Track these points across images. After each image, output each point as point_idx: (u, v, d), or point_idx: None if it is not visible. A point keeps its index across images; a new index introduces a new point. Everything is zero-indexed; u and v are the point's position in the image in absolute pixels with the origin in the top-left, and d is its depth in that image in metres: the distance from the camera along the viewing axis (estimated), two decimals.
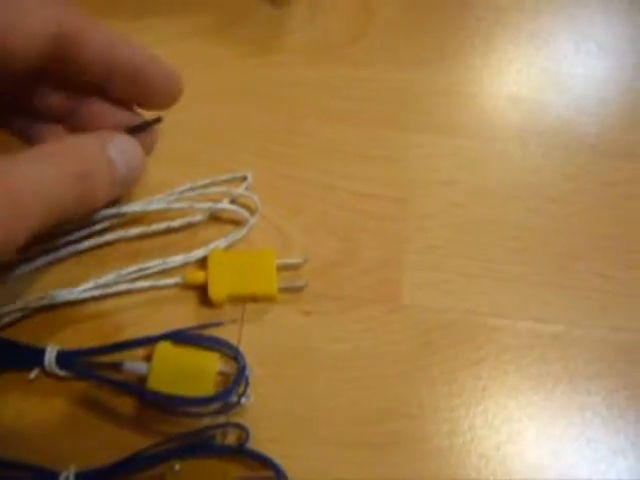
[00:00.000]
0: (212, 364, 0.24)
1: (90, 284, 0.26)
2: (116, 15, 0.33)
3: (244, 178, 0.29)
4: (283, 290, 0.27)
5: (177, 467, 0.23)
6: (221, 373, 0.25)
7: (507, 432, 0.25)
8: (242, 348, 0.25)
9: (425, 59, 0.33)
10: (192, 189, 0.28)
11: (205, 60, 0.32)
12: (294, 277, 0.27)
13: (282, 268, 0.27)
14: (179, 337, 0.25)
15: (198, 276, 0.27)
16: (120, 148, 0.22)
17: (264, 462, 0.24)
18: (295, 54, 0.32)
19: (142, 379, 0.24)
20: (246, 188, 0.28)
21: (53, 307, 0.26)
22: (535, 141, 0.31)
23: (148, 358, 0.25)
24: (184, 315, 0.26)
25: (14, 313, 0.25)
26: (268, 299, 0.27)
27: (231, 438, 0.24)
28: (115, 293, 0.26)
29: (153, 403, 0.24)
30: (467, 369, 0.26)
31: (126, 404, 0.25)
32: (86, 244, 0.27)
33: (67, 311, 0.26)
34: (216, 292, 0.26)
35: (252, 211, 0.28)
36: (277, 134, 0.30)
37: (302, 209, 0.29)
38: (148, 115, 0.25)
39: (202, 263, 0.27)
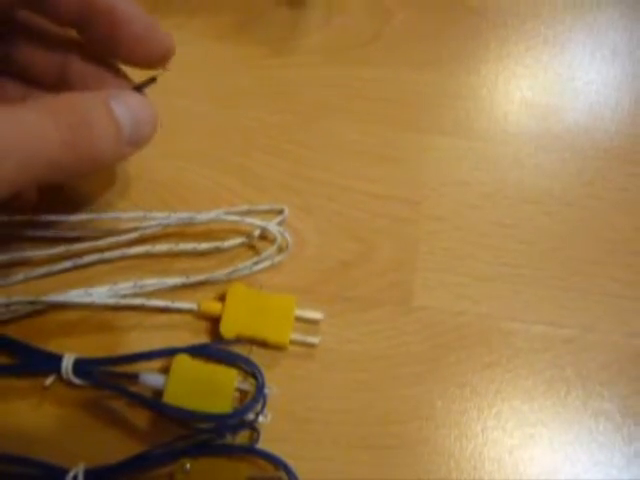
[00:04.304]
0: (230, 380, 0.24)
1: (105, 289, 0.26)
2: None
3: (280, 211, 0.28)
4: (295, 342, 0.26)
5: (188, 466, 0.23)
6: (238, 390, 0.24)
7: (520, 436, 0.25)
8: (254, 348, 0.25)
9: (441, 61, 0.33)
10: (226, 213, 0.27)
11: (222, 60, 0.32)
12: (310, 330, 0.26)
13: (300, 319, 0.26)
14: (197, 351, 0.25)
15: (214, 307, 0.26)
16: (124, 103, 0.21)
17: (275, 462, 0.24)
18: (311, 55, 0.33)
19: (157, 391, 0.24)
20: (280, 222, 0.27)
21: (64, 307, 0.26)
22: (549, 146, 0.31)
23: (164, 370, 0.25)
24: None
25: (25, 306, 0.25)
26: (278, 347, 0.26)
27: (242, 438, 0.24)
28: (129, 306, 0.26)
29: (168, 416, 0.24)
30: (480, 372, 0.26)
31: (139, 413, 0.25)
32: (111, 254, 0.26)
33: (78, 315, 0.26)
34: (228, 329, 0.25)
35: (281, 248, 0.27)
36: (293, 134, 0.31)
37: (316, 209, 0.29)
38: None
39: (221, 295, 0.26)
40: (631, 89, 0.33)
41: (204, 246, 0.27)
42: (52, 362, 0.24)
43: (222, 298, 0.26)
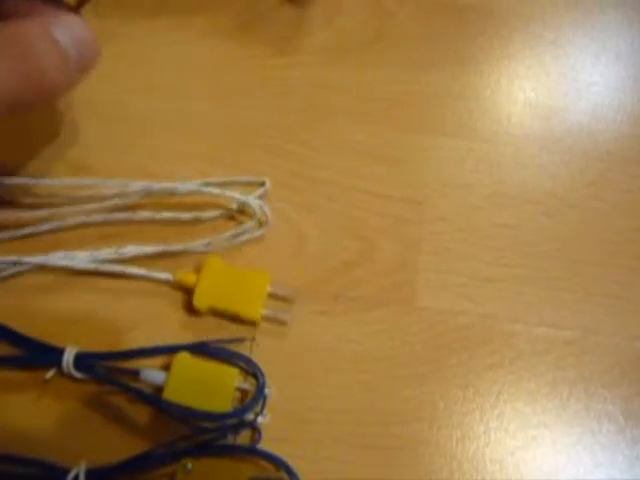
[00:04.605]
0: (231, 379, 0.24)
1: (86, 255, 0.26)
2: (136, 14, 0.33)
3: (262, 183, 0.28)
4: (266, 319, 0.26)
5: (189, 466, 0.23)
6: (239, 389, 0.24)
7: (522, 438, 0.25)
8: (255, 344, 0.25)
9: (443, 62, 0.33)
10: (206, 184, 0.28)
11: (224, 59, 0.32)
12: (283, 307, 0.26)
13: (273, 296, 0.26)
14: (199, 349, 0.25)
15: (189, 278, 0.26)
16: (66, 27, 0.21)
17: (276, 463, 0.24)
18: (313, 55, 0.33)
19: (157, 388, 0.24)
20: (262, 194, 0.28)
21: (44, 270, 0.26)
22: (552, 147, 0.31)
23: (164, 367, 0.25)
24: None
25: (8, 266, 0.26)
26: (250, 322, 0.26)
27: (243, 438, 0.24)
28: (109, 273, 0.26)
29: (168, 413, 0.24)
30: (482, 373, 0.26)
31: (140, 410, 0.25)
32: (94, 218, 0.27)
33: (61, 278, 0.26)
34: (200, 300, 0.26)
35: (261, 222, 0.28)
36: (295, 134, 0.30)
37: (319, 208, 0.29)
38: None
39: (198, 268, 0.27)
40: (634, 91, 0.33)
41: (184, 216, 0.27)
42: (53, 355, 0.24)
43: (199, 271, 0.26)
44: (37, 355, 0.25)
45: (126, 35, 0.32)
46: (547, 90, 0.33)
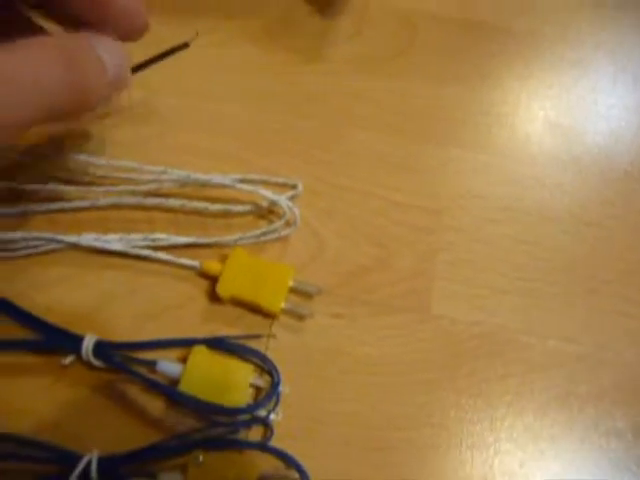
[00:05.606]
0: (246, 375, 0.25)
1: (117, 237, 0.27)
2: (166, 17, 0.33)
3: (294, 186, 0.29)
4: (286, 312, 0.26)
5: (201, 458, 0.23)
6: (253, 385, 0.25)
7: (531, 450, 0.25)
8: (270, 344, 0.25)
9: (465, 78, 0.34)
10: (240, 181, 0.28)
11: (253, 64, 0.33)
12: (302, 303, 0.27)
13: (294, 290, 0.27)
14: (216, 344, 0.25)
15: (214, 267, 0.27)
16: (107, 48, 0.21)
17: (287, 460, 0.24)
18: (340, 64, 0.33)
19: (173, 380, 0.24)
20: (292, 196, 0.28)
21: (76, 248, 0.27)
22: (570, 166, 0.32)
23: (181, 359, 0.25)
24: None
25: (42, 244, 0.27)
26: (269, 315, 0.26)
27: (255, 434, 0.24)
28: (137, 255, 0.27)
29: (182, 405, 0.24)
30: (494, 383, 0.26)
31: (154, 401, 0.25)
32: (126, 200, 0.28)
33: (92, 256, 0.27)
34: (224, 289, 0.26)
35: (289, 222, 0.28)
36: (319, 139, 0.31)
37: (339, 213, 0.29)
38: None
39: (223, 257, 0.27)
40: None
41: (215, 207, 0.28)
42: (73, 342, 0.25)
43: (224, 260, 0.27)
44: (57, 341, 0.25)
45: (159, 36, 0.32)
46: (566, 110, 0.33)
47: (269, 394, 0.24)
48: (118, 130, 0.30)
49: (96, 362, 0.24)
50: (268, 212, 0.29)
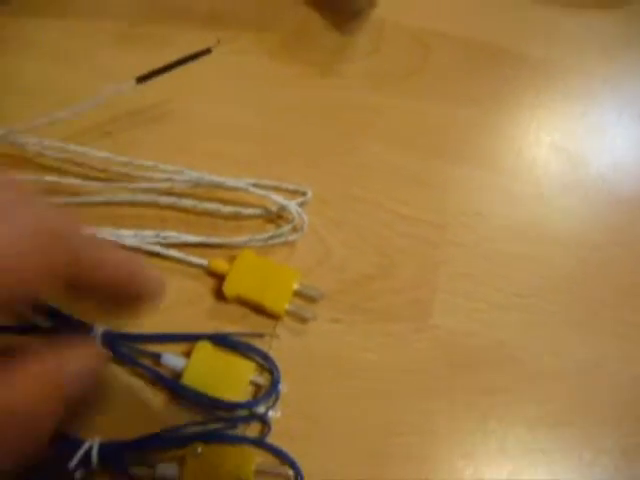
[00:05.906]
0: (247, 372, 0.25)
1: (131, 233, 0.28)
2: (186, 26, 0.35)
3: (304, 193, 0.30)
4: (290, 314, 0.27)
5: (199, 449, 0.24)
6: (253, 383, 0.25)
7: (522, 463, 0.26)
8: (272, 344, 0.26)
9: (476, 99, 0.35)
10: (253, 185, 0.29)
11: (270, 74, 0.34)
12: (306, 306, 0.28)
13: (298, 294, 0.28)
14: (220, 340, 0.26)
15: (222, 266, 0.28)
16: (76, 373, 0.19)
17: (282, 457, 0.24)
18: (355, 80, 0.34)
19: (176, 373, 0.25)
20: (302, 202, 0.29)
21: None
22: (574, 192, 0.33)
23: (185, 353, 0.26)
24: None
25: None
26: (273, 315, 0.27)
27: (253, 430, 0.25)
28: (148, 251, 0.28)
29: (184, 398, 0.25)
30: (488, 395, 0.27)
31: (157, 393, 0.26)
32: (140, 197, 0.29)
33: None
34: (230, 288, 0.27)
35: (296, 228, 0.29)
36: (332, 150, 0.32)
37: (345, 222, 0.30)
38: None
39: (231, 258, 0.28)
40: None
41: (226, 209, 0.29)
42: (81, 330, 0.25)
43: (232, 260, 0.28)
44: (65, 329, 0.26)
45: (175, 43, 0.34)
46: (573, 139, 0.35)
47: (269, 391, 0.25)
48: (137, 129, 0.31)
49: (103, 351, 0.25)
50: (277, 217, 0.30)
